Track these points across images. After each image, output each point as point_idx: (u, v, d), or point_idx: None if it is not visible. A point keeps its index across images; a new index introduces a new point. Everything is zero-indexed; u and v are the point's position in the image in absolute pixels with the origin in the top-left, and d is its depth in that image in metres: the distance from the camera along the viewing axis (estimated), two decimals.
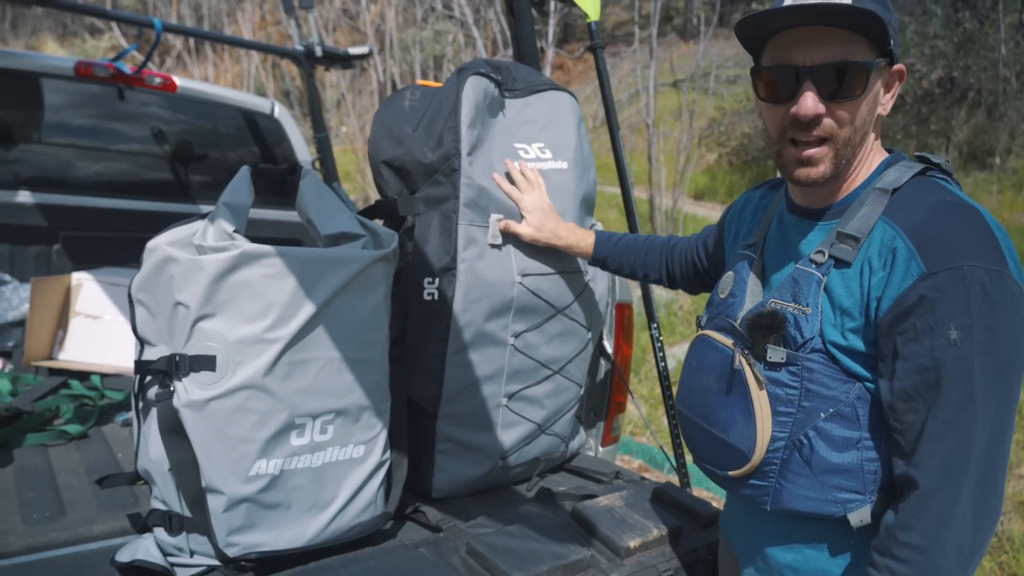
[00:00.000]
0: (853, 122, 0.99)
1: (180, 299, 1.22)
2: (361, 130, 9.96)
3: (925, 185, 0.99)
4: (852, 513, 0.99)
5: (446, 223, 1.50)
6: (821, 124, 0.99)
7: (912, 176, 1.00)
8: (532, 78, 1.75)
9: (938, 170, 1.02)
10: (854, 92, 0.97)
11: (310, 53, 3.34)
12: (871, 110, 1.01)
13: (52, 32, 18.96)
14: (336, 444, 1.33)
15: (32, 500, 1.46)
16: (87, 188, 3.00)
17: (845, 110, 0.99)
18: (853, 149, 1.01)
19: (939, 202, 0.95)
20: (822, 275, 1.00)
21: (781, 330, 1.01)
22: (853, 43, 0.97)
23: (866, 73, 0.97)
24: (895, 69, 1.03)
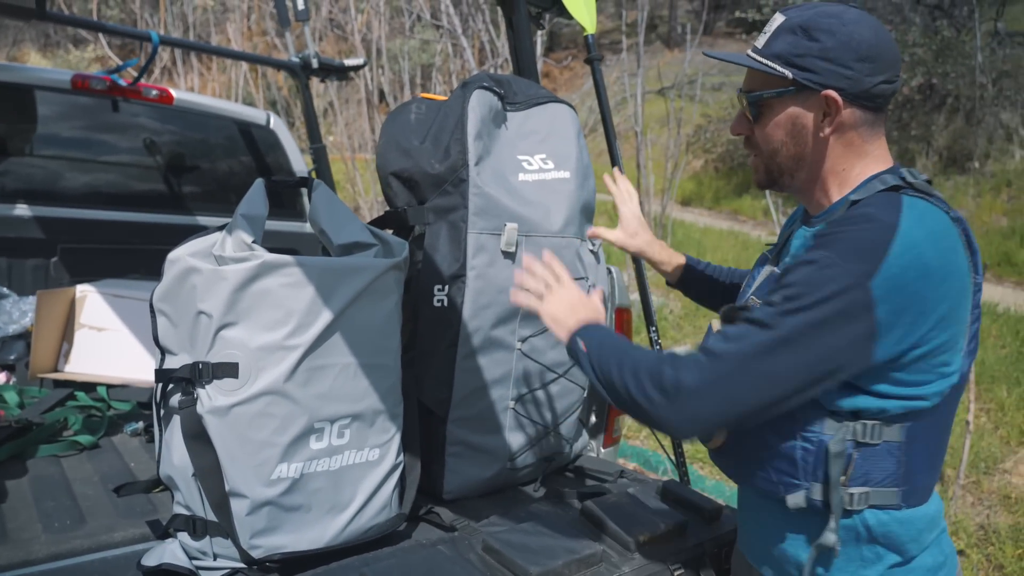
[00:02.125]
0: (767, 143, 1.15)
1: (203, 308, 1.25)
2: (349, 139, 9.98)
3: (880, 199, 1.05)
4: (789, 496, 1.08)
5: (455, 232, 1.55)
6: (751, 142, 1.18)
7: (880, 190, 1.06)
8: (532, 91, 1.81)
9: (911, 188, 1.07)
10: (752, 119, 1.16)
11: (306, 65, 3.38)
12: (789, 134, 1.12)
13: (34, 43, 18.83)
14: (353, 447, 1.37)
15: (51, 509, 1.49)
16: (85, 200, 3.01)
17: (756, 133, 1.16)
18: (780, 166, 1.16)
19: (860, 213, 1.03)
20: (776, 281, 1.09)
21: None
22: (759, 77, 1.13)
23: (755, 104, 1.14)
24: (822, 95, 1.07)
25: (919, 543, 1.09)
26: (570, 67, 16.96)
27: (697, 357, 1.04)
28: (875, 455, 1.05)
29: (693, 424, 1.03)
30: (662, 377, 1.03)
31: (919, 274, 0.97)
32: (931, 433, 1.08)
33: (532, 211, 1.61)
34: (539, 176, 1.69)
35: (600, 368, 1.14)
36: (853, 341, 0.97)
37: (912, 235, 0.98)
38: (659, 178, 9.02)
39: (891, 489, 1.06)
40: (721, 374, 1.01)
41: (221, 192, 3.45)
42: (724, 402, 1.01)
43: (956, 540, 3.28)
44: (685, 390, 1.01)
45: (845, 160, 1.12)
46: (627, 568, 1.31)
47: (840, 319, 0.96)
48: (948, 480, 3.74)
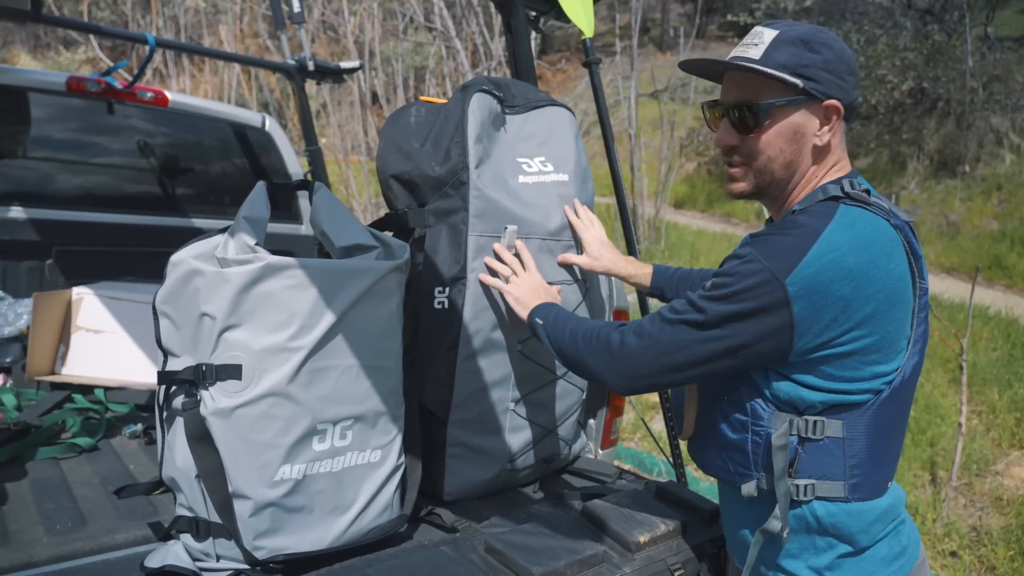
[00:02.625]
0: (764, 152, 1.18)
1: (206, 310, 1.26)
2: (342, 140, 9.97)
3: (815, 208, 1.13)
4: (743, 485, 1.17)
5: (455, 234, 1.55)
6: (737, 151, 1.22)
7: (820, 201, 1.14)
8: (531, 94, 1.82)
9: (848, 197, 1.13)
10: (750, 128, 1.18)
11: (302, 67, 3.38)
12: (789, 141, 1.17)
13: (24, 44, 18.72)
14: (355, 449, 1.37)
15: (52, 511, 1.49)
16: (80, 203, 3.01)
17: (752, 142, 1.19)
18: (772, 174, 1.20)
19: (792, 220, 1.12)
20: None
21: None
22: (762, 86, 1.16)
23: (756, 113, 1.16)
24: (825, 104, 1.15)
25: (869, 535, 1.14)
26: (563, 70, 17.01)
27: (640, 324, 1.19)
28: (818, 450, 1.12)
29: (628, 381, 1.18)
30: (610, 339, 1.20)
31: (837, 275, 1.04)
32: (874, 430, 1.13)
33: (532, 213, 1.62)
34: (538, 179, 1.71)
35: (555, 337, 1.31)
36: (771, 332, 1.07)
37: (833, 241, 1.06)
38: (652, 181, 9.06)
39: (836, 482, 1.13)
40: (656, 341, 1.15)
41: (216, 194, 3.44)
42: (656, 366, 1.15)
43: (948, 542, 3.31)
44: (627, 349, 1.17)
45: (822, 168, 1.20)
46: (628, 568, 1.32)
47: (758, 312, 1.07)
48: (941, 482, 3.77)
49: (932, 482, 3.83)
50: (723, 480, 1.25)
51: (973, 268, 4.77)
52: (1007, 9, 12.12)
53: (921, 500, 3.61)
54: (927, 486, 3.81)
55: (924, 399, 4.56)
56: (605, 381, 1.22)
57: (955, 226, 8.28)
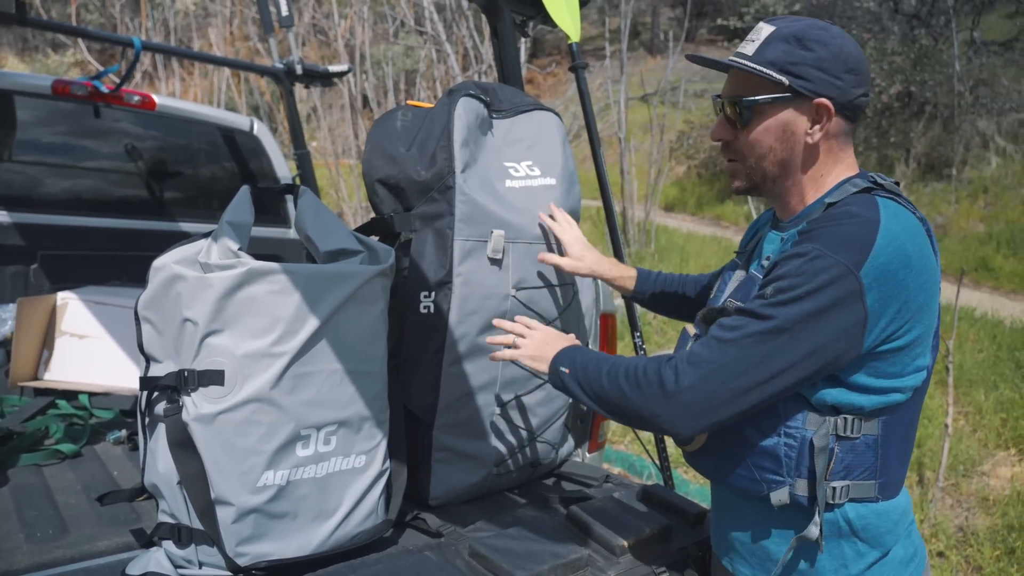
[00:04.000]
0: (754, 149, 1.17)
1: (188, 316, 1.25)
2: (332, 144, 9.95)
3: (856, 199, 1.09)
4: (773, 493, 1.11)
5: (441, 239, 1.55)
6: (729, 147, 1.21)
7: (854, 192, 1.11)
8: (517, 99, 1.82)
9: (882, 189, 1.12)
10: (738, 123, 1.18)
11: (290, 71, 3.38)
12: (779, 139, 1.15)
13: (12, 47, 18.61)
14: (339, 454, 1.37)
15: (33, 519, 1.47)
16: (66, 207, 2.99)
17: (741, 138, 1.18)
18: (764, 172, 1.19)
19: (842, 211, 1.07)
20: (762, 276, 1.13)
21: None
22: (752, 83, 1.15)
23: (740, 108, 1.16)
24: (815, 103, 1.12)
25: (895, 534, 1.14)
26: (554, 73, 17.05)
27: (693, 352, 1.07)
28: (854, 449, 1.09)
29: (696, 419, 1.05)
30: (662, 378, 1.06)
31: (902, 264, 1.02)
32: (905, 426, 1.13)
33: (519, 217, 1.62)
34: (525, 183, 1.71)
35: (587, 384, 1.17)
36: (848, 329, 1.02)
37: (892, 229, 1.03)
38: (642, 184, 9.08)
39: (869, 482, 1.11)
40: (721, 364, 1.04)
41: (204, 198, 3.43)
42: (726, 393, 1.04)
43: (936, 542, 3.33)
44: (686, 386, 1.04)
45: (824, 166, 1.17)
46: (612, 572, 1.32)
47: (835, 307, 1.01)
48: (928, 483, 3.79)
49: (919, 483, 3.85)
50: (745, 490, 1.15)
51: (960, 270, 4.80)
52: (993, 14, 12.24)
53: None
54: (914, 487, 3.83)
55: None
56: (664, 426, 1.08)
57: (942, 228, 8.35)
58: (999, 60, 10.04)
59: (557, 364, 1.25)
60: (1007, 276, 7.06)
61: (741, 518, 1.21)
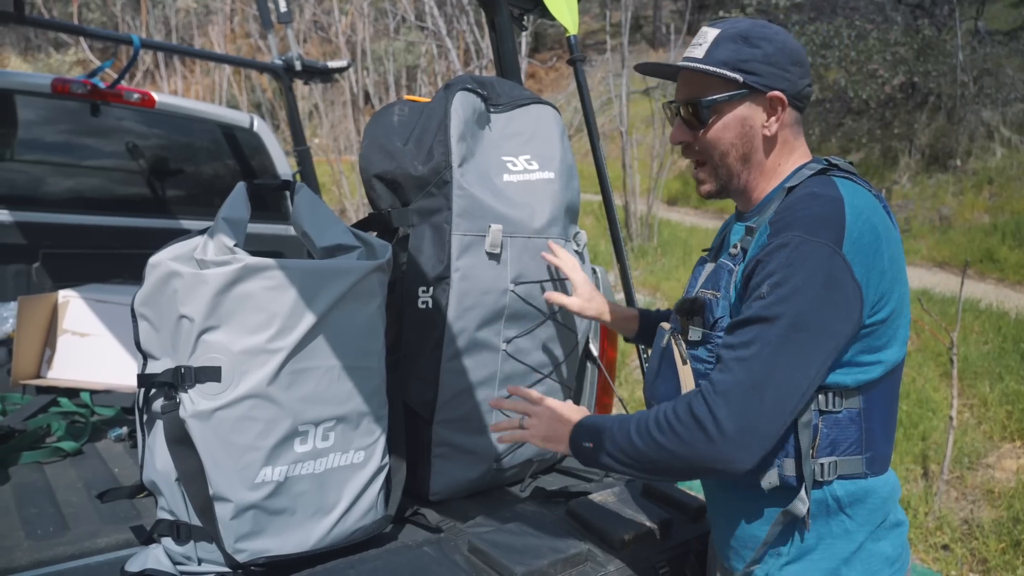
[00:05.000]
0: (716, 147, 1.21)
1: (184, 312, 1.25)
2: (335, 141, 9.96)
3: (813, 181, 1.13)
4: (764, 476, 1.11)
5: (439, 233, 1.55)
6: (691, 149, 1.25)
7: (810, 175, 1.15)
8: (515, 92, 1.81)
9: (837, 169, 1.16)
10: (699, 124, 1.22)
11: (289, 67, 3.37)
12: (739, 135, 1.19)
13: (15, 47, 18.63)
14: (337, 450, 1.37)
15: (34, 516, 1.47)
16: (67, 205, 2.99)
17: (703, 138, 1.21)
18: (729, 168, 1.22)
19: (806, 194, 1.10)
20: (733, 265, 1.17)
21: (700, 313, 1.19)
22: (706, 83, 1.19)
23: (699, 109, 1.20)
24: (769, 96, 1.17)
25: (883, 511, 1.14)
26: (556, 67, 17.00)
27: (718, 382, 1.03)
28: (838, 423, 1.10)
29: (752, 450, 1.02)
30: (697, 420, 1.03)
31: (873, 236, 1.05)
32: (887, 399, 1.14)
33: (517, 212, 1.62)
34: (524, 177, 1.70)
35: (619, 452, 1.12)
36: (850, 305, 1.03)
37: (855, 203, 1.07)
38: (644, 178, 9.06)
39: (856, 457, 1.12)
40: (752, 385, 1.01)
41: (205, 196, 3.43)
42: (771, 410, 1.01)
43: (940, 535, 3.32)
44: (726, 421, 1.00)
45: (780, 156, 1.22)
46: (612, 567, 1.32)
47: (834, 287, 1.02)
48: (933, 475, 3.78)
49: (924, 476, 3.84)
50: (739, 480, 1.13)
51: (964, 262, 4.77)
52: (997, 3, 12.15)
53: (913, 494, 3.62)
54: (919, 480, 3.82)
55: (916, 393, 4.58)
56: (722, 469, 1.03)
57: (947, 220, 8.31)
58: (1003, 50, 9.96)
59: (579, 441, 1.21)
60: (1012, 267, 7.02)
61: (732, 507, 1.20)
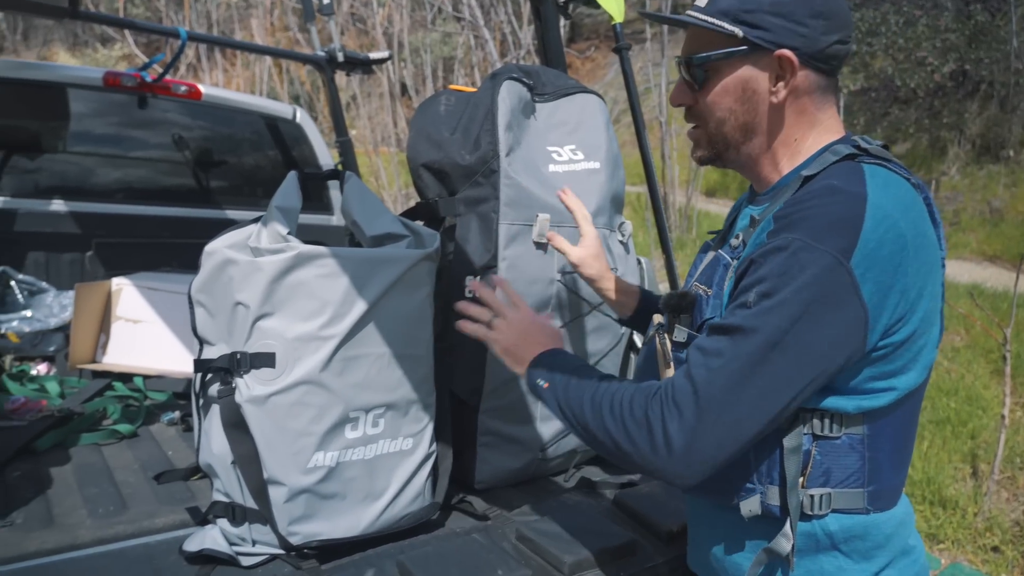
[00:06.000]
0: (713, 112, 1.04)
1: (240, 299, 1.27)
2: (372, 132, 10.04)
3: (838, 169, 0.95)
4: (743, 502, 0.98)
5: (486, 223, 1.55)
6: (692, 112, 1.07)
7: (834, 161, 0.96)
8: (560, 82, 1.80)
9: (867, 155, 0.97)
10: (693, 85, 1.05)
11: (332, 59, 3.40)
12: (739, 100, 1.01)
13: (63, 42, 19.15)
14: (387, 437, 1.38)
15: (95, 495, 1.52)
16: (117, 195, 3.07)
17: (701, 101, 1.04)
18: (726, 138, 1.05)
19: (823, 186, 0.92)
20: (731, 259, 1.01)
21: (689, 311, 1.05)
22: (706, 38, 1.01)
23: (694, 68, 1.03)
24: (776, 55, 0.97)
25: (887, 550, 0.98)
26: (592, 57, 16.86)
27: (678, 388, 0.92)
28: (835, 450, 0.95)
29: (696, 469, 0.91)
30: (649, 423, 0.92)
31: (897, 246, 0.88)
32: (899, 426, 0.98)
33: None
34: (569, 167, 1.69)
35: (569, 409, 1.03)
36: (847, 330, 0.88)
37: (882, 204, 0.89)
38: (684, 169, 8.95)
39: (855, 490, 0.96)
40: (709, 400, 0.89)
41: (249, 186, 3.49)
42: (725, 434, 0.89)
43: (990, 536, 3.23)
44: (675, 435, 0.90)
45: (797, 129, 1.03)
46: (661, 558, 1.31)
47: (827, 307, 0.86)
48: (982, 475, 3.68)
49: (973, 475, 3.74)
50: (715, 500, 1.04)
51: (1017, 256, 4.62)
52: None
53: (961, 494, 3.53)
54: (968, 479, 3.72)
55: (965, 390, 4.45)
56: (662, 478, 0.95)
57: (998, 212, 8.04)
58: None
59: (535, 373, 1.10)
60: None
61: (714, 532, 1.08)
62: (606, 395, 0.99)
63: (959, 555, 3.16)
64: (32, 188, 2.87)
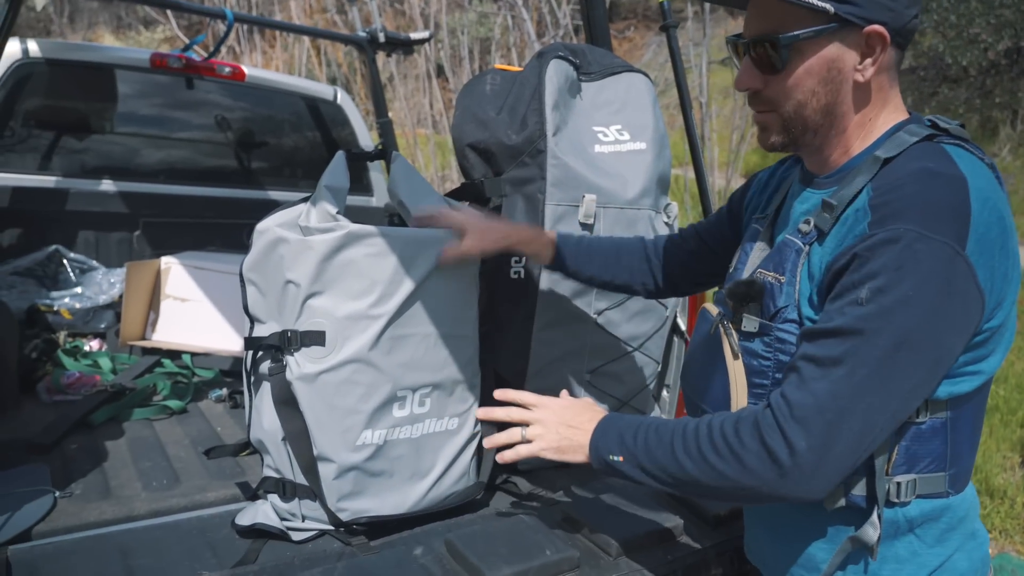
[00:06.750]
0: (792, 95, 0.96)
1: (291, 277, 1.29)
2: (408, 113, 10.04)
3: (921, 151, 0.91)
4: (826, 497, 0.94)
5: (532, 203, 1.54)
6: (760, 97, 1.00)
7: (914, 142, 0.92)
8: (607, 61, 1.77)
9: (947, 135, 0.94)
10: (772, 67, 0.96)
11: (373, 39, 3.40)
12: (823, 80, 0.95)
13: (107, 25, 19.51)
14: (433, 416, 1.39)
15: (149, 469, 1.56)
16: (164, 176, 3.13)
17: (776, 84, 0.97)
18: (805, 121, 0.98)
19: (918, 169, 0.87)
20: (803, 244, 0.97)
21: (758, 299, 1.00)
22: (787, 15, 0.93)
23: (777, 47, 0.94)
24: (867, 31, 0.92)
25: (960, 532, 0.98)
26: (629, 38, 16.61)
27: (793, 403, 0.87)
28: (920, 435, 0.93)
29: (831, 480, 0.87)
30: (767, 446, 0.87)
31: (1000, 229, 0.86)
32: (979, 406, 0.96)
33: (609, 182, 1.59)
34: (615, 148, 1.67)
35: (660, 470, 0.96)
36: (968, 319, 0.86)
37: (981, 187, 0.86)
38: (723, 151, 8.79)
39: (938, 474, 0.94)
40: (838, 411, 0.84)
41: (290, 167, 3.52)
42: (858, 440, 0.85)
43: None
44: (804, 451, 0.85)
45: (873, 108, 0.98)
46: (708, 542, 1.30)
47: (952, 300, 0.83)
48: None
49: (1022, 464, 3.64)
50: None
51: None
52: None
53: (1010, 483, 3.44)
54: (1016, 468, 3.62)
55: (1015, 378, 4.33)
56: (791, 499, 0.89)
57: None
58: None
59: (601, 453, 1.03)
60: None
61: (785, 522, 1.04)
62: (697, 438, 0.94)
63: (1007, 545, 3.08)
64: (82, 168, 2.93)
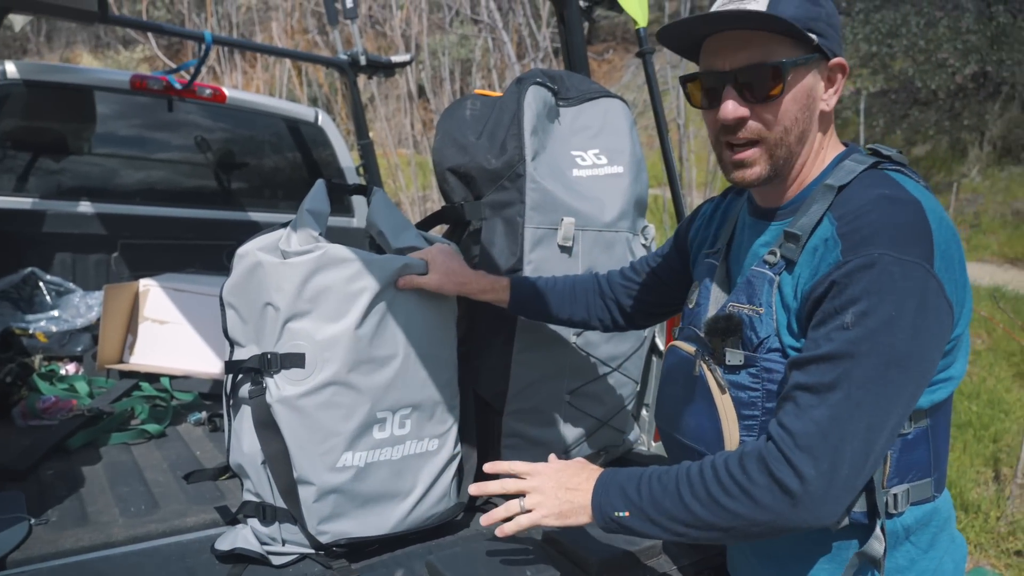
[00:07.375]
0: (781, 122, 0.99)
1: (270, 300, 1.30)
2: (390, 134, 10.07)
3: (872, 179, 0.97)
4: None
5: (512, 226, 1.56)
6: (747, 127, 1.00)
7: (862, 171, 0.99)
8: (584, 86, 1.81)
9: (889, 162, 1.01)
10: (770, 93, 0.98)
11: (355, 62, 3.43)
12: (803, 107, 0.99)
13: (86, 44, 19.39)
14: (413, 438, 1.40)
15: (127, 495, 1.55)
16: (143, 197, 3.12)
17: (768, 111, 0.99)
18: (788, 148, 1.01)
19: (877, 196, 0.93)
20: (774, 275, 1.00)
21: (738, 333, 1.02)
22: (772, 44, 0.97)
23: (780, 73, 0.97)
24: (833, 63, 1.00)
25: (945, 534, 1.04)
26: (609, 60, 16.83)
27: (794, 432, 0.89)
28: (907, 445, 0.98)
29: (843, 503, 0.90)
30: (775, 479, 0.89)
31: (955, 243, 0.93)
32: (949, 410, 1.03)
33: (588, 205, 1.62)
34: (593, 172, 1.70)
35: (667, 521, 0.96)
36: (943, 331, 0.91)
37: (933, 207, 0.93)
38: (701, 171, 8.91)
39: (926, 480, 1.00)
40: (841, 435, 0.87)
41: (271, 188, 3.53)
42: (862, 460, 0.88)
43: (1013, 540, 3.20)
44: (813, 479, 0.87)
45: (826, 137, 1.05)
46: (687, 560, 1.32)
47: (928, 315, 0.88)
48: (1005, 479, 3.64)
49: (995, 479, 3.70)
50: None
51: None
52: None
53: (984, 498, 3.50)
54: (990, 483, 3.68)
55: (987, 394, 4.41)
56: (804, 527, 0.91)
57: (1020, 215, 7.95)
58: None
59: (605, 510, 1.01)
60: None
61: (778, 545, 1.05)
62: (703, 481, 0.94)
63: (982, 559, 3.13)
64: (59, 189, 2.91)
